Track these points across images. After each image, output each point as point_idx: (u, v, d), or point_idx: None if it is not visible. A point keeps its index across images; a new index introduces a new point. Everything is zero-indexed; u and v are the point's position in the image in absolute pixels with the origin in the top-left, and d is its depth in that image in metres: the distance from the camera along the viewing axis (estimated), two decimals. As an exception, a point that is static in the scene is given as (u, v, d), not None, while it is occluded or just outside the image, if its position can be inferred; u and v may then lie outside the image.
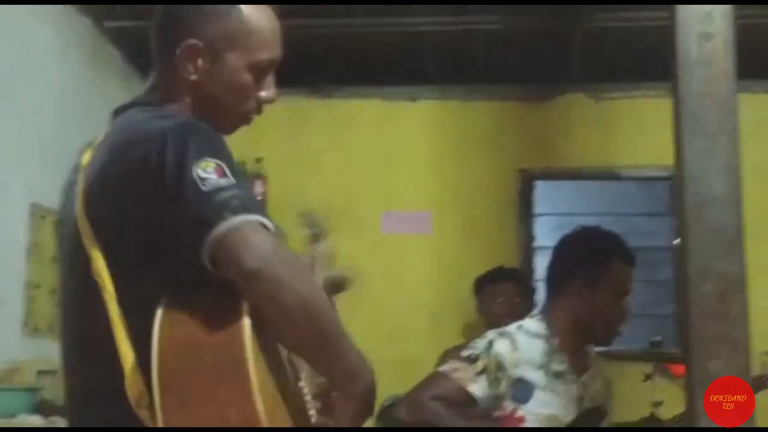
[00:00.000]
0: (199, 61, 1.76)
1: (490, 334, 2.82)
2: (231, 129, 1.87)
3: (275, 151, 5.17)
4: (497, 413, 2.73)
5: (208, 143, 1.60)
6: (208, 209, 1.51)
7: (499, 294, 4.49)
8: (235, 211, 1.50)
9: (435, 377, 2.77)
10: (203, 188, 1.52)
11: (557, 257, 2.95)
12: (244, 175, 1.62)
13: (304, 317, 1.51)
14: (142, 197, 1.58)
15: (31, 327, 3.87)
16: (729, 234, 1.69)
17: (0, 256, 3.80)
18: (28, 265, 3.91)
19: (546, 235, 5.33)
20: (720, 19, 1.81)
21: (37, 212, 3.94)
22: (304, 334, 1.53)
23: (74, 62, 4.58)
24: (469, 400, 2.70)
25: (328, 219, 5.45)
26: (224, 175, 1.55)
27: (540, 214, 5.43)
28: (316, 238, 2.30)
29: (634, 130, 5.22)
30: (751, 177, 2.92)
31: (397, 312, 5.15)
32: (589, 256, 2.83)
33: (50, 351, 3.25)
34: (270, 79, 1.85)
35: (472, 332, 4.91)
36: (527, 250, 5.27)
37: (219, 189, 1.52)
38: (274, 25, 1.85)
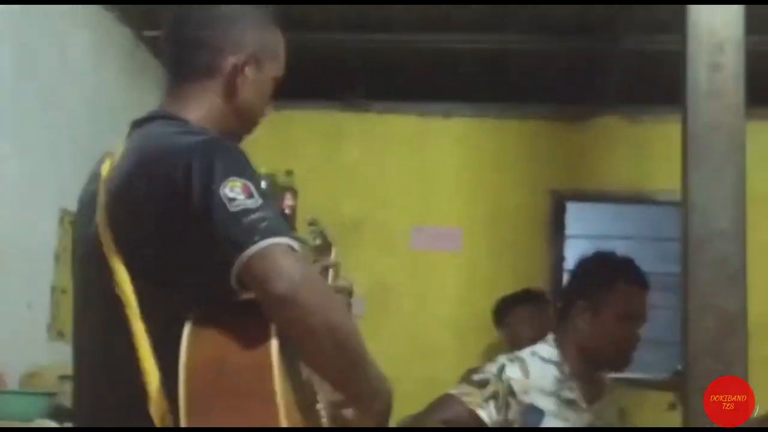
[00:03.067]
0: (247, 71, 1.80)
1: (502, 358, 2.79)
2: (242, 139, 1.90)
3: (307, 164, 5.18)
4: (506, 438, 2.71)
5: (234, 162, 1.60)
6: (236, 231, 1.51)
7: (524, 317, 4.44)
8: (264, 234, 1.51)
9: (444, 400, 2.75)
10: (231, 209, 1.52)
11: (567, 282, 2.95)
12: (268, 194, 1.62)
13: (331, 341, 1.53)
14: (168, 215, 1.58)
15: (55, 332, 3.92)
16: (731, 268, 1.65)
17: (29, 261, 3.85)
18: (55, 270, 3.96)
19: (577, 257, 5.28)
20: (731, 50, 1.78)
21: (67, 218, 3.98)
22: (330, 357, 1.55)
23: (111, 70, 4.63)
24: (478, 424, 2.67)
25: (358, 233, 5.46)
26: (251, 195, 1.55)
27: (571, 236, 5.38)
28: (323, 248, 2.30)
29: (669, 153, 5.12)
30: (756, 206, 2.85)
31: (425, 328, 5.13)
32: (591, 279, 2.81)
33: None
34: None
35: (498, 352, 4.88)
36: (557, 271, 5.22)
37: (247, 211, 1.52)
38: None
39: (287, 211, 4.78)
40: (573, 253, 5.36)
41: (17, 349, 3.70)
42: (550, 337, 2.87)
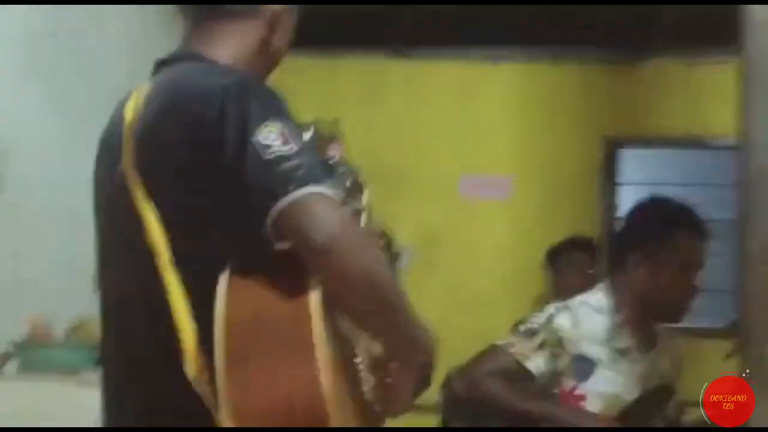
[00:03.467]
0: (283, 18, 1.73)
1: (551, 307, 2.71)
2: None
3: (352, 111, 5.08)
4: (556, 390, 2.63)
5: (270, 104, 1.53)
6: (271, 180, 1.45)
7: (573, 265, 4.34)
8: (301, 182, 1.44)
9: (492, 351, 2.68)
10: (267, 157, 1.45)
11: (621, 228, 2.85)
12: (310, 138, 1.56)
13: (370, 288, 1.47)
14: (200, 162, 1.51)
15: (101, 284, 3.90)
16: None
17: (73, 213, 3.83)
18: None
19: (630, 204, 5.16)
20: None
21: (110, 169, 3.96)
22: (370, 306, 1.49)
23: (149, 21, 4.57)
24: (527, 375, 2.60)
25: (404, 182, 5.36)
26: (287, 140, 1.47)
27: (625, 183, 5.25)
28: (354, 190, 2.21)
29: (725, 96, 4.97)
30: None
31: (473, 278, 5.05)
32: (651, 228, 2.69)
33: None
34: None
35: (548, 302, 4.79)
36: (609, 219, 5.10)
37: (282, 158, 1.45)
38: None
39: (334, 158, 4.71)
40: (626, 200, 5.23)
41: (63, 302, 3.69)
42: (601, 285, 2.78)
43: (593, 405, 2.61)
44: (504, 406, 2.57)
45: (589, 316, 2.67)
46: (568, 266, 4.35)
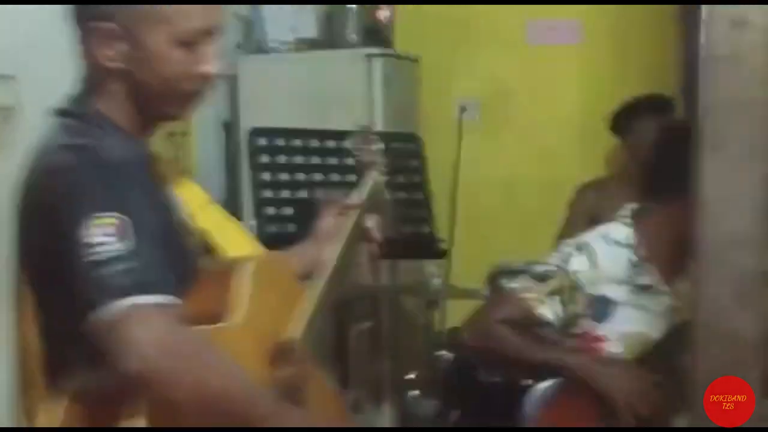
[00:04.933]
0: (117, 46, 1.52)
1: (568, 246, 2.52)
2: (181, 111, 1.66)
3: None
4: (573, 332, 2.50)
5: (110, 190, 1.39)
6: (88, 287, 1.34)
7: (644, 133, 3.98)
8: (121, 293, 1.32)
9: (503, 298, 2.54)
10: (88, 257, 1.34)
11: (668, 151, 2.52)
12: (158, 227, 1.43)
13: (203, 403, 1.38)
14: (51, 241, 1.43)
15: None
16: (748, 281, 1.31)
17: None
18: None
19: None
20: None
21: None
22: (207, 414, 1.39)
23: None
24: (540, 321, 2.47)
25: (468, 30, 5.01)
26: (123, 235, 1.35)
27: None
28: (368, 165, 2.13)
29: None
30: None
31: (544, 129, 4.78)
32: None
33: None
34: (209, 50, 1.59)
35: (620, 160, 4.52)
36: (692, 58, 4.68)
37: (107, 260, 1.33)
38: None
39: (384, 22, 4.45)
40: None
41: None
42: (625, 212, 2.55)
43: (615, 346, 2.46)
44: (515, 356, 2.45)
45: (608, 253, 2.47)
46: (638, 134, 3.93)
